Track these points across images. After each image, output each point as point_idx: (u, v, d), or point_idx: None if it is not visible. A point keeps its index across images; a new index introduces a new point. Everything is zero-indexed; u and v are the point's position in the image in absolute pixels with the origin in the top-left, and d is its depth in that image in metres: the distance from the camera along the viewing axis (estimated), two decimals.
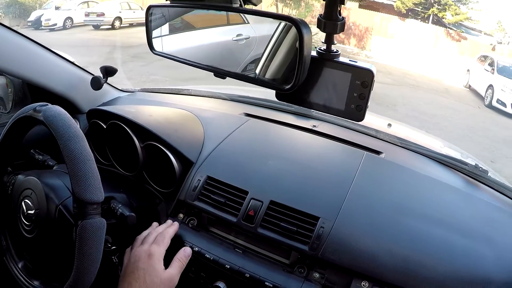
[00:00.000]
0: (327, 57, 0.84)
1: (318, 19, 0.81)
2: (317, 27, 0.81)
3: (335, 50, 0.84)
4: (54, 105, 0.95)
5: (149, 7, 1.04)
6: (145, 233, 1.13)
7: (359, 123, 1.65)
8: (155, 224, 1.18)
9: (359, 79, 0.82)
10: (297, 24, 0.78)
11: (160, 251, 1.05)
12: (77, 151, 0.86)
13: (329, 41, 0.83)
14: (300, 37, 0.78)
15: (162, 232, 1.11)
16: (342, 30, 0.80)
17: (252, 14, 0.91)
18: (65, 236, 0.95)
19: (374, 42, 18.12)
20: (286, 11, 15.49)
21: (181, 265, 1.07)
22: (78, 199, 0.85)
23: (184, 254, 1.09)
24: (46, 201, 0.97)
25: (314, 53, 0.85)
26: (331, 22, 0.79)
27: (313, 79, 0.86)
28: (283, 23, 0.87)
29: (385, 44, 17.51)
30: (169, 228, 1.14)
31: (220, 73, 0.93)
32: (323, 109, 0.88)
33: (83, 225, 0.84)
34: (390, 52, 16.55)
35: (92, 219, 0.86)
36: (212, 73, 0.94)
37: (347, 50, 16.89)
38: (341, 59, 0.84)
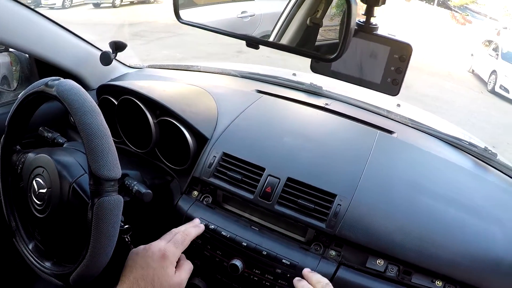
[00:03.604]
0: (367, 29, 0.83)
1: None
2: None
3: (374, 23, 0.83)
4: (67, 79, 0.91)
5: None
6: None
7: (370, 102, 1.65)
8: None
9: (397, 53, 0.83)
10: None
11: (175, 253, 0.99)
12: (94, 126, 0.83)
13: (369, 13, 0.82)
14: (348, 5, 0.76)
15: (184, 232, 1.05)
16: (384, 2, 0.78)
17: None
18: (79, 215, 0.92)
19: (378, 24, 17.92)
20: None
21: (191, 268, 1.03)
22: (95, 175, 0.82)
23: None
24: (59, 179, 0.94)
25: None
26: None
27: (350, 51, 0.84)
28: None
29: (389, 26, 17.32)
30: (192, 229, 1.08)
31: (256, 43, 0.89)
32: (357, 82, 0.88)
33: (100, 202, 0.82)
34: (394, 34, 16.39)
35: (110, 196, 0.83)
36: (245, 42, 0.90)
37: None
38: (380, 32, 0.83)
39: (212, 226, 1.13)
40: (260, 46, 0.88)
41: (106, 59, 1.46)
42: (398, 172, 1.22)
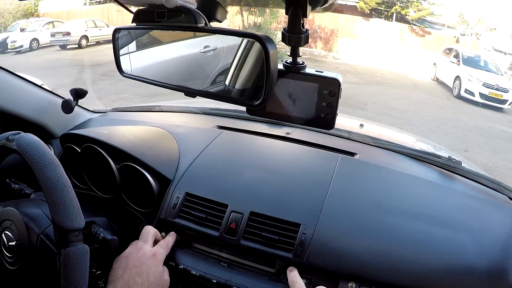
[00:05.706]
0: (294, 69, 0.86)
1: (282, 33, 0.82)
2: (282, 40, 0.82)
3: (301, 62, 0.85)
4: (27, 133, 0.93)
5: (116, 30, 1.04)
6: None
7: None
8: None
9: (326, 89, 0.84)
10: (262, 41, 0.80)
11: (163, 254, 1.09)
12: (53, 178, 0.85)
13: (294, 54, 0.84)
14: (265, 53, 0.80)
15: (165, 238, 1.16)
16: (306, 42, 0.80)
17: (218, 33, 0.91)
18: (49, 265, 0.93)
19: (341, 43, 18.30)
20: (251, 19, 15.53)
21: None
22: (58, 227, 0.83)
23: None
24: (26, 232, 0.96)
25: (280, 66, 0.86)
26: (295, 35, 0.80)
27: (281, 92, 0.88)
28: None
29: (351, 44, 17.71)
30: (169, 237, 1.18)
31: (191, 93, 0.94)
32: (293, 121, 0.90)
33: (66, 253, 0.83)
34: (357, 52, 16.73)
35: (75, 246, 0.84)
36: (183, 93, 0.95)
37: (315, 53, 17.03)
38: (308, 70, 0.86)
39: (182, 266, 1.14)
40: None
41: (67, 107, 1.49)
42: (361, 194, 1.24)
